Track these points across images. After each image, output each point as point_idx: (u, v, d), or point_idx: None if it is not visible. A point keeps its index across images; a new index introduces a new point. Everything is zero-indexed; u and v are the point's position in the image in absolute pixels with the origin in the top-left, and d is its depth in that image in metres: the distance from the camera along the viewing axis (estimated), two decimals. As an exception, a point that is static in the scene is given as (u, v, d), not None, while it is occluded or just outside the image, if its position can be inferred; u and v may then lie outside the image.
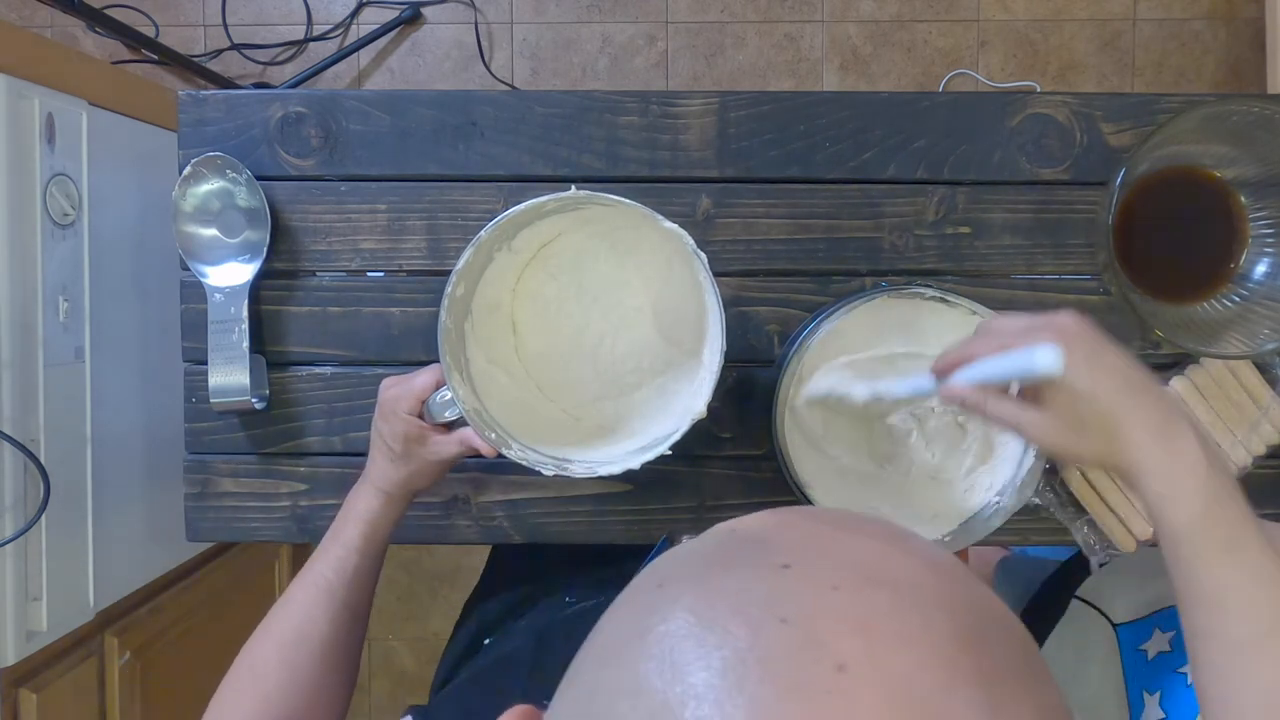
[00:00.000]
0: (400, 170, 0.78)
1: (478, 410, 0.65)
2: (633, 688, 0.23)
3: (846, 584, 0.24)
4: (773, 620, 0.23)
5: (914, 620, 0.23)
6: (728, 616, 0.23)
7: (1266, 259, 0.73)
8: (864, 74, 1.73)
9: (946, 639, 0.23)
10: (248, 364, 0.75)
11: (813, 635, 0.22)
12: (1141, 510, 0.76)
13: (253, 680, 0.62)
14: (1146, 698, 0.80)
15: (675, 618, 0.24)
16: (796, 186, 0.78)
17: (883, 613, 0.23)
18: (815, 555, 0.25)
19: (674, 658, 0.23)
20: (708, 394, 0.63)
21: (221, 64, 1.73)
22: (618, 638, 0.26)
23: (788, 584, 0.24)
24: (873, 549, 0.26)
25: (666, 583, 0.26)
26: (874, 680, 0.22)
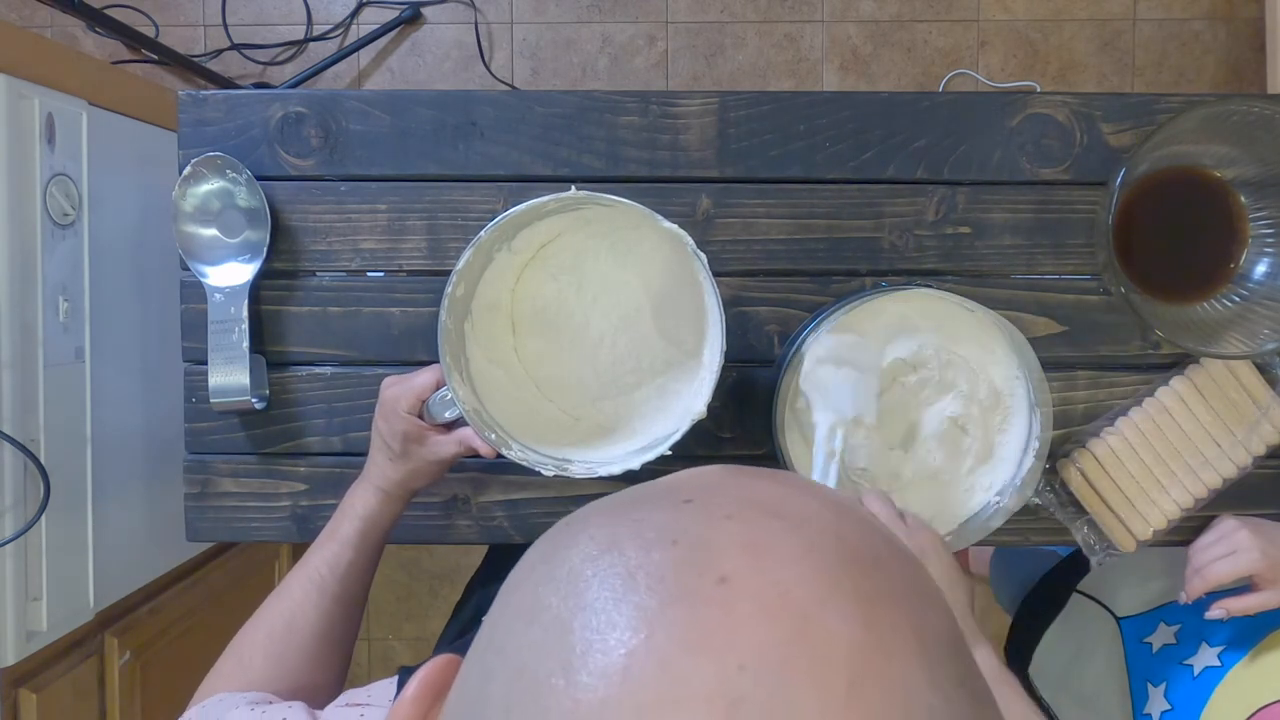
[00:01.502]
0: (400, 170, 0.78)
1: (477, 410, 0.65)
2: (532, 607, 0.25)
3: (740, 515, 0.25)
4: (665, 542, 0.24)
5: (799, 544, 0.24)
6: (624, 541, 0.25)
7: (1266, 259, 0.73)
8: (864, 74, 1.73)
9: (830, 562, 0.24)
10: (248, 364, 0.75)
11: (699, 553, 0.24)
12: (1141, 510, 0.76)
13: (239, 668, 0.62)
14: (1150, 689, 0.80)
15: (577, 545, 0.25)
16: (796, 186, 0.78)
17: (771, 537, 0.25)
18: (716, 493, 0.27)
19: (570, 578, 0.24)
20: (708, 394, 0.63)
21: (221, 64, 1.73)
22: (523, 567, 0.27)
23: (685, 514, 0.26)
24: (773, 489, 0.27)
25: (575, 519, 0.28)
26: (753, 591, 0.23)
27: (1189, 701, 0.75)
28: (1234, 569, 0.70)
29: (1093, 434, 0.77)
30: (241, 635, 0.65)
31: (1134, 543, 0.76)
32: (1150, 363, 0.79)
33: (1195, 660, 0.76)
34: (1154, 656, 0.81)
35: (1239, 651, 0.74)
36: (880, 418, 0.72)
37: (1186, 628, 0.79)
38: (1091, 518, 0.77)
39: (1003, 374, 0.72)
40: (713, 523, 0.25)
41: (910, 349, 0.72)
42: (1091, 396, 0.78)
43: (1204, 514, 0.77)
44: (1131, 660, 0.84)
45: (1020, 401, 0.71)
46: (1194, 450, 0.76)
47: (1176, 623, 0.81)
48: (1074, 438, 0.78)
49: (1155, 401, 0.76)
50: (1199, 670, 0.75)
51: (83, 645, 0.99)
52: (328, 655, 0.65)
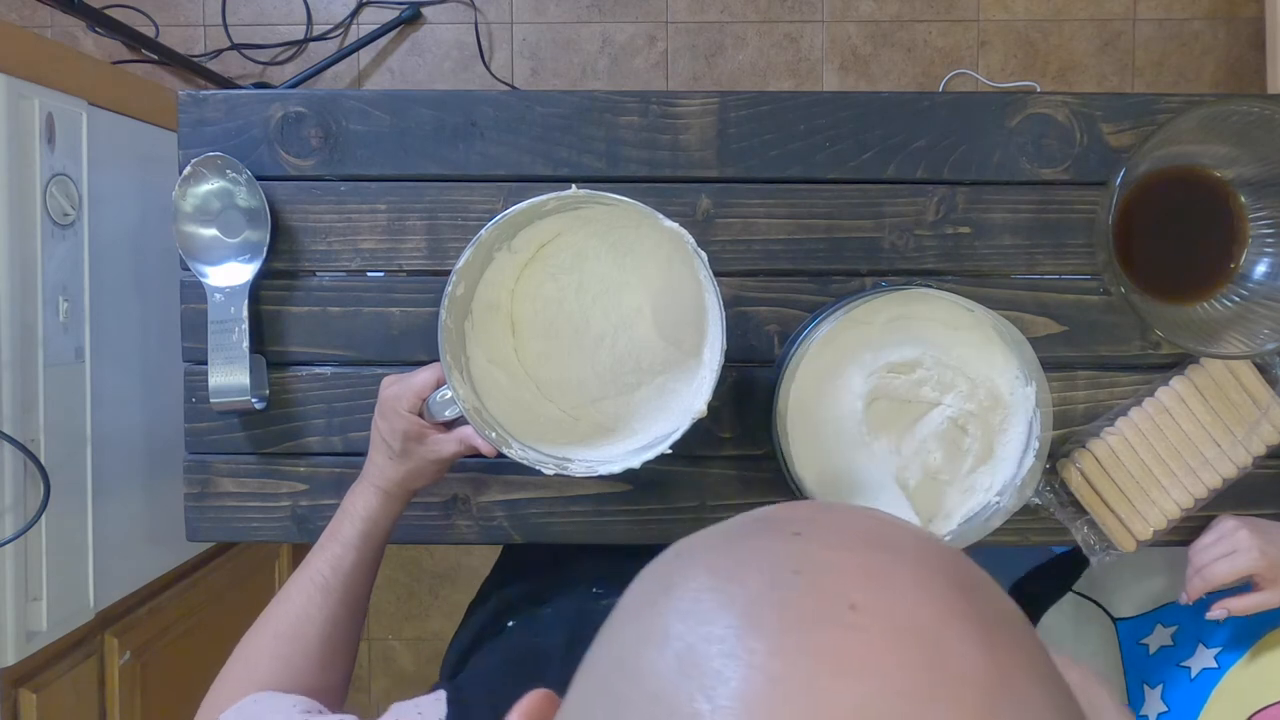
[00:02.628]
0: (400, 170, 0.78)
1: (477, 409, 0.65)
2: (662, 635, 0.25)
3: (851, 546, 0.26)
4: (786, 571, 0.25)
5: (911, 573, 0.25)
6: (745, 571, 0.26)
7: (1266, 259, 0.73)
8: (864, 74, 1.73)
9: (944, 588, 0.25)
10: (248, 364, 0.75)
11: (824, 581, 0.25)
12: (1141, 510, 0.76)
13: (246, 674, 0.62)
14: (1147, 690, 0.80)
15: (696, 576, 0.26)
16: (796, 186, 0.78)
17: (885, 567, 0.25)
18: (822, 526, 0.28)
19: (696, 608, 0.25)
20: (708, 393, 0.63)
21: (221, 64, 1.73)
22: (641, 599, 0.28)
23: (798, 545, 0.26)
24: (873, 523, 0.28)
25: (684, 552, 0.28)
26: (883, 616, 0.24)
27: (1186, 703, 0.75)
28: (1233, 569, 0.70)
29: (1093, 434, 0.77)
30: (246, 641, 0.65)
31: (1134, 543, 0.76)
32: (1150, 363, 0.79)
33: (1192, 662, 0.76)
34: (1151, 658, 0.81)
35: (1236, 653, 0.74)
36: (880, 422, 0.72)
37: (1184, 629, 0.79)
38: (1091, 518, 0.77)
39: (1002, 374, 0.72)
40: (829, 552, 0.26)
41: (910, 349, 0.72)
42: (1091, 396, 0.78)
43: (1204, 514, 0.77)
44: (1128, 662, 0.84)
45: (1020, 401, 0.71)
46: (1194, 450, 0.76)
47: (1174, 624, 0.81)
48: (1074, 438, 0.78)
49: (1155, 401, 0.76)
50: (1196, 672, 0.75)
51: (83, 645, 0.99)
52: (334, 657, 0.65)
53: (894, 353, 0.72)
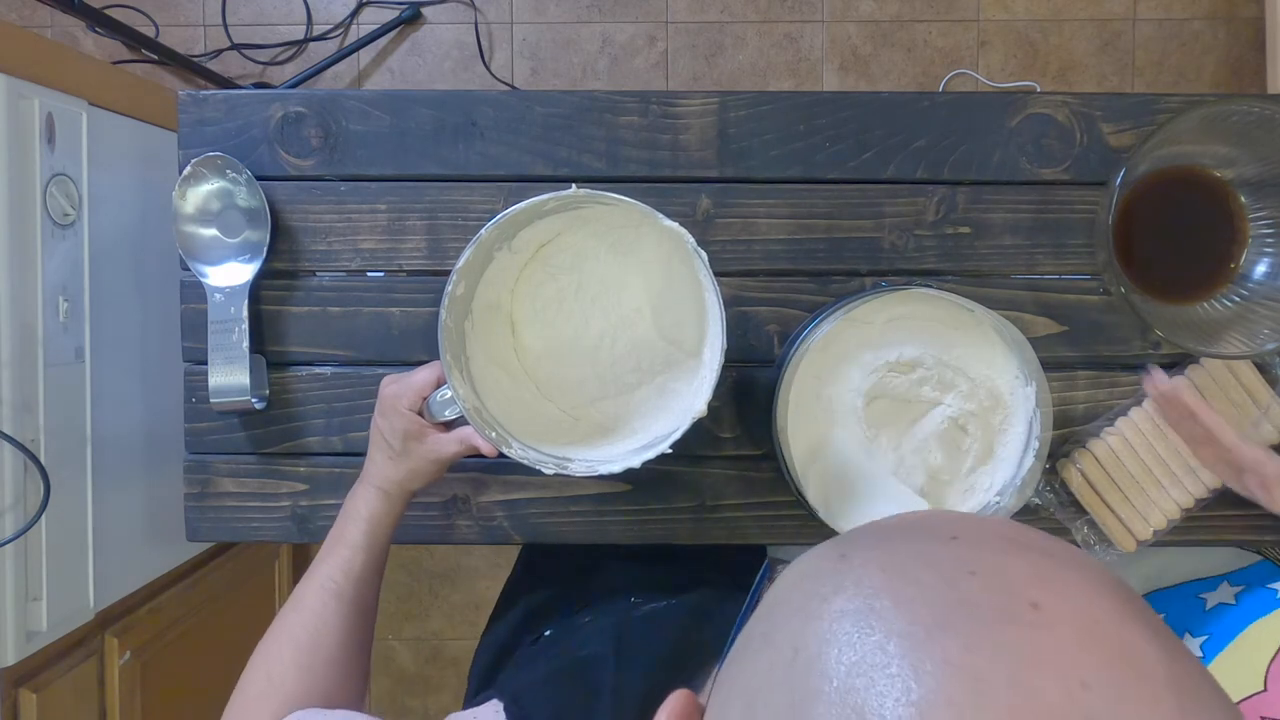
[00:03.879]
0: (400, 170, 0.78)
1: (477, 409, 0.65)
2: (844, 638, 0.25)
3: (1012, 550, 0.27)
4: (962, 573, 0.26)
5: (1080, 577, 0.26)
6: (919, 570, 0.26)
7: (1266, 259, 0.73)
8: (864, 74, 1.73)
9: (1111, 591, 0.26)
10: (248, 364, 0.75)
11: (1001, 581, 0.25)
12: (1141, 510, 0.76)
13: (270, 687, 0.61)
14: None
15: (870, 576, 0.27)
16: (796, 186, 0.78)
17: (1053, 570, 0.26)
18: (976, 531, 0.28)
19: (876, 608, 0.25)
20: (708, 393, 0.63)
21: (221, 64, 1.73)
22: (810, 597, 0.27)
23: (962, 549, 0.27)
24: (1016, 530, 0.29)
25: (850, 553, 0.28)
26: (1066, 615, 0.24)
27: None
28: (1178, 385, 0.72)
29: (1093, 434, 0.77)
30: (264, 652, 0.63)
31: (1134, 543, 0.76)
32: (1150, 363, 0.79)
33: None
34: None
35: (1221, 643, 0.74)
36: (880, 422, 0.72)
37: (1171, 618, 0.79)
38: (1091, 518, 0.77)
39: (1002, 374, 0.72)
40: (995, 555, 0.26)
41: (910, 349, 0.72)
42: (1091, 396, 0.78)
43: (1204, 514, 0.77)
44: None
45: (1020, 401, 0.71)
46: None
47: (1160, 612, 0.81)
48: (1074, 438, 0.78)
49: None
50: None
51: (83, 645, 0.99)
52: (354, 662, 0.65)
53: (894, 353, 0.72)
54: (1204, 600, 0.78)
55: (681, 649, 0.60)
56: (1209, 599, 0.78)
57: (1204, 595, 0.79)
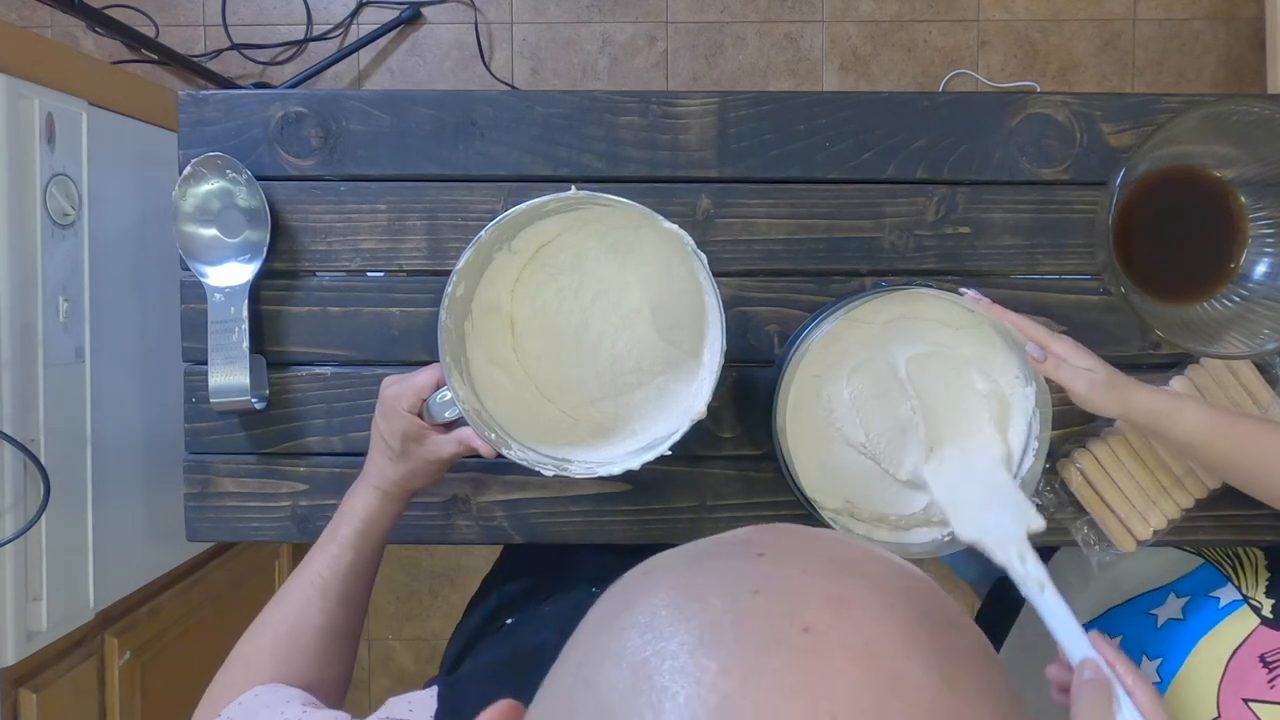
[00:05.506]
0: (400, 170, 0.78)
1: (477, 410, 0.65)
2: (618, 651, 0.25)
3: (816, 569, 0.26)
4: (746, 592, 0.25)
5: (878, 600, 0.25)
6: (706, 590, 0.26)
7: (1266, 259, 0.73)
8: (864, 74, 1.73)
9: (908, 618, 0.25)
10: (248, 364, 0.75)
11: (782, 603, 0.25)
12: (1141, 510, 0.76)
13: (245, 675, 0.62)
14: None
15: (659, 594, 0.26)
16: (796, 186, 0.78)
17: (850, 592, 0.25)
18: (789, 549, 0.28)
19: (655, 623, 0.25)
20: (708, 394, 0.63)
21: (221, 64, 1.73)
22: (606, 614, 0.28)
23: (762, 567, 0.26)
24: (843, 549, 0.28)
25: (653, 570, 0.28)
26: (840, 641, 0.24)
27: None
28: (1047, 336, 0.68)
29: (1093, 434, 0.77)
30: (244, 642, 0.65)
31: (1134, 543, 0.76)
32: (1150, 363, 0.79)
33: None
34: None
35: (1174, 664, 0.73)
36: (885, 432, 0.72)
37: (1128, 640, 0.78)
38: (1091, 518, 0.77)
39: (1002, 374, 0.72)
40: (791, 575, 0.26)
41: (910, 349, 0.72)
42: (1091, 396, 0.78)
43: (1204, 514, 0.77)
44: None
45: (1020, 401, 0.71)
46: (1194, 450, 0.75)
47: (1117, 634, 0.80)
48: (1074, 438, 0.78)
49: (1155, 401, 0.76)
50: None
51: (83, 645, 0.99)
52: (332, 655, 0.65)
53: (894, 353, 0.72)
54: (1155, 618, 0.78)
55: None
56: (1160, 615, 0.78)
57: (1155, 612, 0.78)
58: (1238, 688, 0.67)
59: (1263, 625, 0.70)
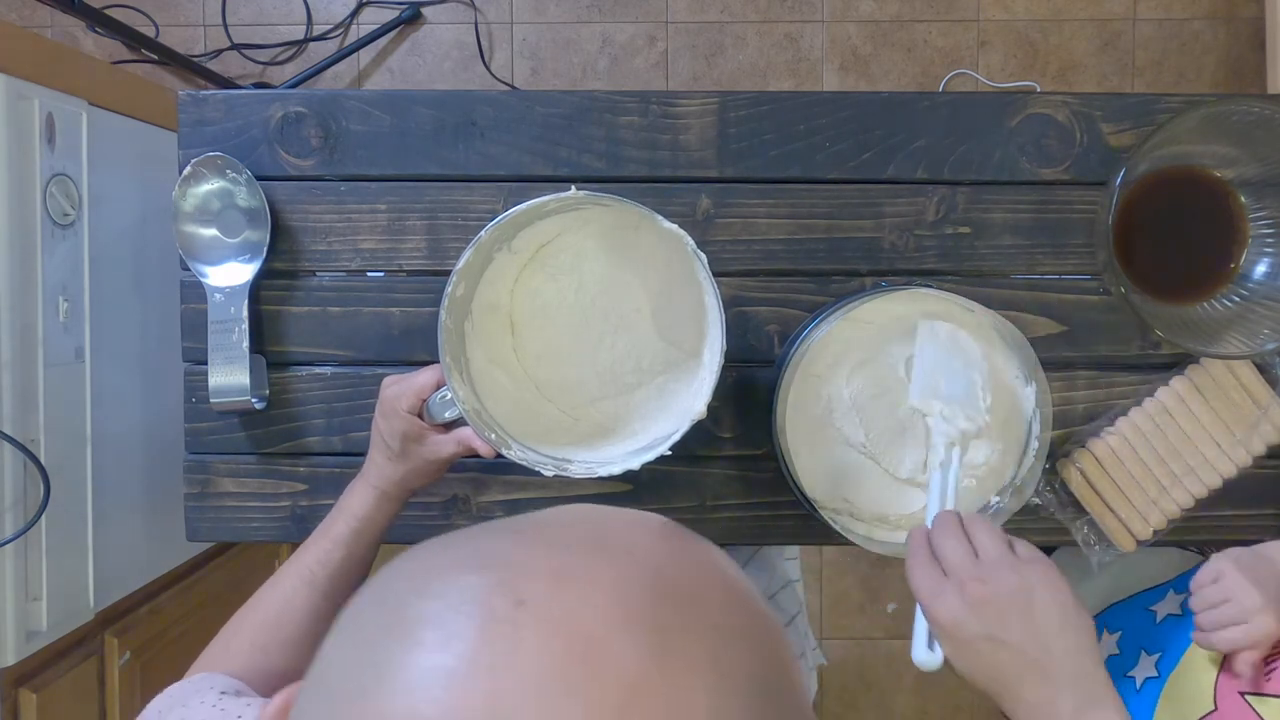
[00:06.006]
0: (400, 170, 0.78)
1: (477, 410, 0.65)
2: (355, 625, 0.27)
3: (562, 545, 0.27)
4: (475, 567, 0.26)
5: (611, 574, 0.26)
6: (443, 566, 0.27)
7: (1266, 259, 0.73)
8: (864, 74, 1.73)
9: (637, 592, 0.26)
10: (248, 364, 0.75)
11: (505, 578, 0.26)
12: (1141, 510, 0.76)
13: (224, 656, 0.63)
14: None
15: (403, 570, 0.28)
16: (796, 186, 0.78)
17: (583, 567, 0.26)
18: (549, 524, 0.29)
19: (389, 598, 0.27)
20: (708, 394, 0.63)
21: (221, 64, 1.73)
22: (364, 589, 0.29)
23: (506, 542, 0.27)
24: (614, 525, 0.29)
25: (426, 545, 0.29)
26: (545, 615, 0.24)
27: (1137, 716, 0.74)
28: (1248, 637, 0.64)
29: (1093, 434, 0.77)
30: (233, 621, 0.66)
31: (1134, 543, 0.76)
32: (1150, 363, 0.79)
33: (1137, 672, 0.76)
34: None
35: (1173, 659, 0.73)
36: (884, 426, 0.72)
37: (1127, 636, 0.79)
38: (1091, 518, 0.77)
39: (1002, 374, 0.72)
40: (530, 551, 0.27)
41: (910, 349, 0.72)
42: (1091, 396, 0.78)
43: (1204, 514, 0.77)
44: None
45: (1020, 401, 0.71)
46: (1194, 450, 0.75)
47: (1117, 629, 0.80)
48: (1074, 438, 0.78)
49: (1155, 401, 0.76)
50: (1141, 682, 0.75)
51: (83, 645, 0.99)
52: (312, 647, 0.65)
53: (894, 353, 0.72)
54: (1154, 614, 0.78)
55: None
56: (1159, 611, 0.78)
57: (1154, 608, 0.78)
58: (1235, 681, 0.67)
59: None
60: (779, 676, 0.27)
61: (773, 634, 0.28)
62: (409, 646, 0.24)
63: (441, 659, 0.24)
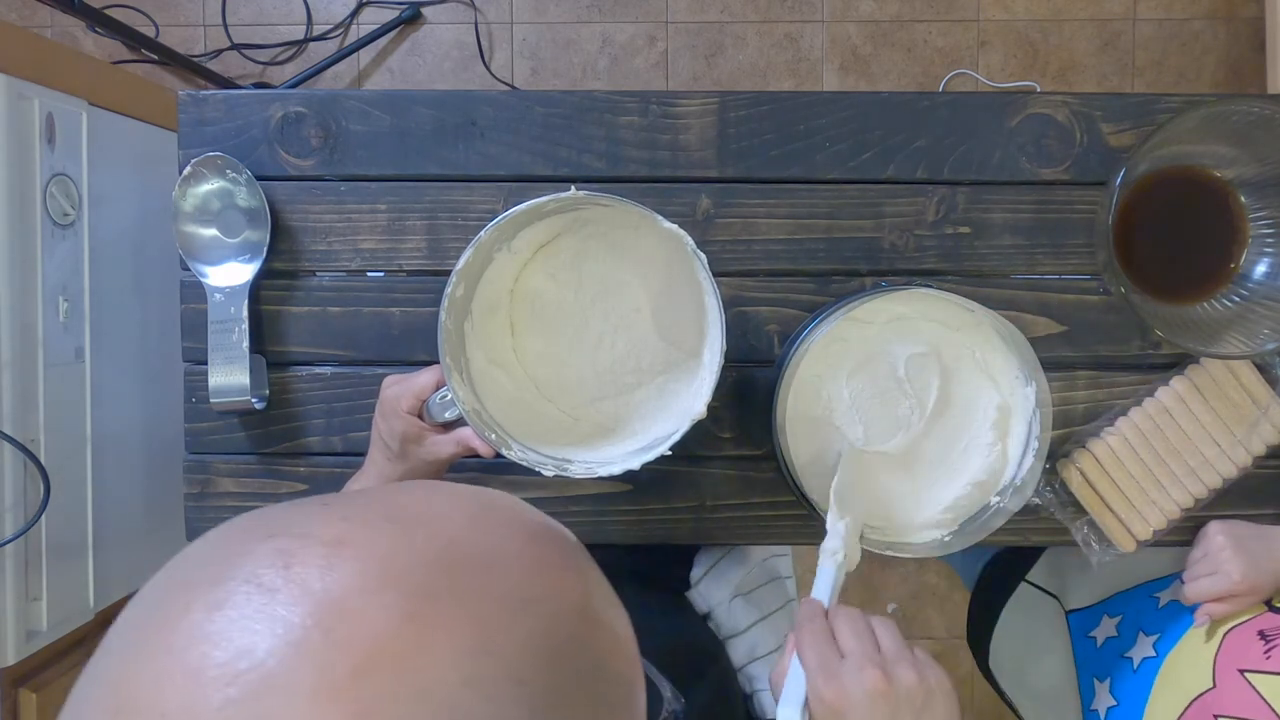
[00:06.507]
0: (400, 170, 0.78)
1: (477, 411, 0.65)
2: (146, 589, 0.28)
3: (353, 516, 0.27)
4: (263, 535, 0.27)
5: (389, 543, 0.26)
6: (243, 535, 0.27)
7: (1266, 259, 0.73)
8: (864, 74, 1.73)
9: (408, 560, 0.26)
10: (248, 364, 0.75)
11: (282, 547, 0.26)
12: (1141, 510, 0.76)
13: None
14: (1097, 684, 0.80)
15: (211, 537, 0.29)
16: (796, 186, 0.78)
17: (365, 536, 0.26)
18: (368, 496, 0.29)
19: (185, 562, 0.28)
20: (708, 394, 0.63)
21: (221, 64, 1.73)
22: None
23: (307, 513, 0.28)
24: (422, 497, 0.29)
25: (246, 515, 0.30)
26: (303, 583, 0.25)
27: (1133, 695, 0.75)
28: (1213, 589, 0.72)
29: (1093, 434, 0.77)
30: None
31: (1134, 543, 0.76)
32: (1150, 363, 0.79)
33: (1134, 652, 0.77)
34: (1099, 651, 0.81)
35: (1171, 639, 0.74)
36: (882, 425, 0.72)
37: (1126, 619, 0.80)
38: (1091, 518, 0.77)
39: (1002, 374, 0.72)
40: (319, 522, 0.27)
41: (910, 349, 0.72)
42: (1091, 396, 0.78)
43: (1204, 514, 0.77)
44: (1079, 656, 0.84)
45: (1020, 401, 0.71)
46: (1194, 450, 0.76)
47: (1118, 614, 0.81)
48: (1074, 438, 0.78)
49: (1155, 401, 0.76)
50: (1138, 663, 0.76)
51: (83, 645, 0.99)
52: None
53: (894, 352, 0.72)
54: (1157, 599, 0.79)
55: None
56: (1162, 597, 0.79)
57: (1158, 594, 0.79)
58: (1234, 659, 0.68)
59: (1269, 610, 0.71)
60: (577, 650, 0.27)
61: (580, 608, 0.28)
62: (181, 612, 0.25)
63: (203, 626, 0.24)
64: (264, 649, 0.23)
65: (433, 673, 0.24)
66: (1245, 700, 0.65)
